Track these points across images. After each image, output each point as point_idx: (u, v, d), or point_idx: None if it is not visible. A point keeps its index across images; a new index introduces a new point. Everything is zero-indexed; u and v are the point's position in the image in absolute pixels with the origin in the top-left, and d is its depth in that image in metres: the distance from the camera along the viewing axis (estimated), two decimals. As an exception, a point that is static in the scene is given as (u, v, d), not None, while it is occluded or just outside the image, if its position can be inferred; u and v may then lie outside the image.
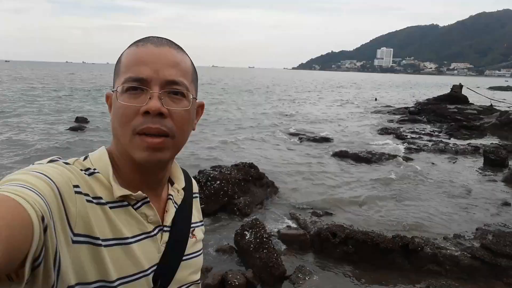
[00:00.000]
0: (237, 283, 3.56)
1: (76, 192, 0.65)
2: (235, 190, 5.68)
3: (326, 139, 11.68)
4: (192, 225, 0.87)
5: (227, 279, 3.59)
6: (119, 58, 0.77)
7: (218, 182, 5.61)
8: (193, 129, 0.80)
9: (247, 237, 4.09)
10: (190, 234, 0.85)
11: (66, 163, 0.70)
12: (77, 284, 0.64)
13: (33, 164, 0.67)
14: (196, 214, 0.91)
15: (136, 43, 0.76)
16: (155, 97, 0.70)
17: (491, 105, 18.76)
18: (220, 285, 3.59)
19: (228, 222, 5.29)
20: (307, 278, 3.84)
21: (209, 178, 5.64)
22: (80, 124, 12.84)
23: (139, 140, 0.71)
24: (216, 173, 5.87)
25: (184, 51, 0.79)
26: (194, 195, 0.93)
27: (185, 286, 0.83)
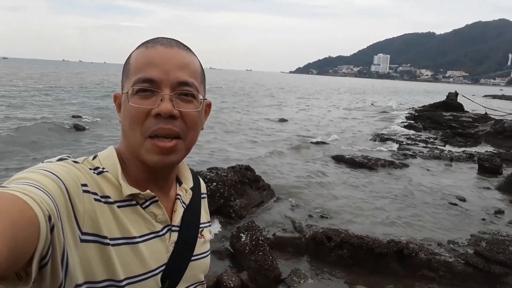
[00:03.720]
0: (232, 285, 3.56)
1: (84, 191, 0.65)
2: (231, 192, 5.68)
3: (322, 143, 11.71)
4: (200, 226, 0.87)
5: (222, 281, 3.59)
6: (128, 59, 0.76)
7: (214, 184, 5.59)
8: (202, 129, 0.80)
9: (242, 239, 4.09)
10: (199, 235, 0.85)
11: (75, 162, 0.70)
12: (85, 283, 0.64)
13: (42, 162, 0.67)
14: (204, 215, 0.91)
15: (145, 44, 0.75)
16: (167, 99, 0.71)
17: (486, 113, 18.90)
18: (215, 287, 3.59)
19: (224, 224, 5.28)
20: (301, 282, 3.85)
21: (205, 180, 5.62)
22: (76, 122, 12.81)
23: (150, 143, 0.71)
24: (213, 175, 5.86)
25: (193, 52, 0.79)
26: (202, 195, 0.93)
27: (193, 286, 0.83)
